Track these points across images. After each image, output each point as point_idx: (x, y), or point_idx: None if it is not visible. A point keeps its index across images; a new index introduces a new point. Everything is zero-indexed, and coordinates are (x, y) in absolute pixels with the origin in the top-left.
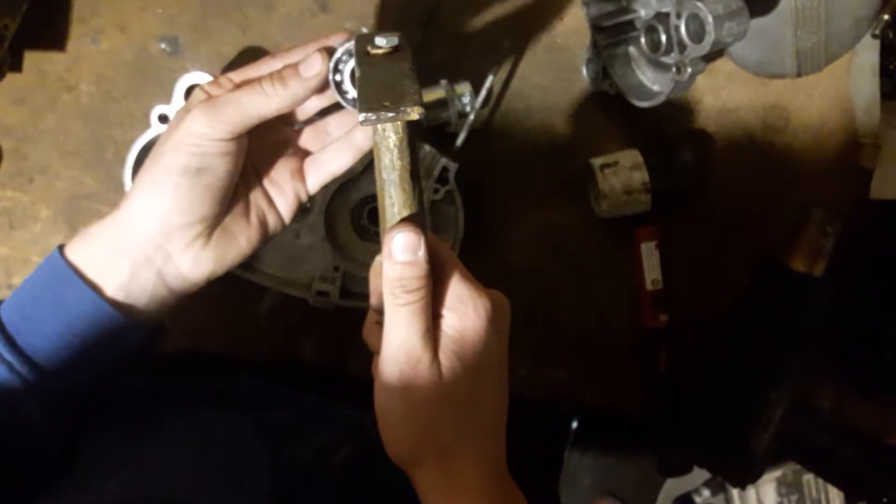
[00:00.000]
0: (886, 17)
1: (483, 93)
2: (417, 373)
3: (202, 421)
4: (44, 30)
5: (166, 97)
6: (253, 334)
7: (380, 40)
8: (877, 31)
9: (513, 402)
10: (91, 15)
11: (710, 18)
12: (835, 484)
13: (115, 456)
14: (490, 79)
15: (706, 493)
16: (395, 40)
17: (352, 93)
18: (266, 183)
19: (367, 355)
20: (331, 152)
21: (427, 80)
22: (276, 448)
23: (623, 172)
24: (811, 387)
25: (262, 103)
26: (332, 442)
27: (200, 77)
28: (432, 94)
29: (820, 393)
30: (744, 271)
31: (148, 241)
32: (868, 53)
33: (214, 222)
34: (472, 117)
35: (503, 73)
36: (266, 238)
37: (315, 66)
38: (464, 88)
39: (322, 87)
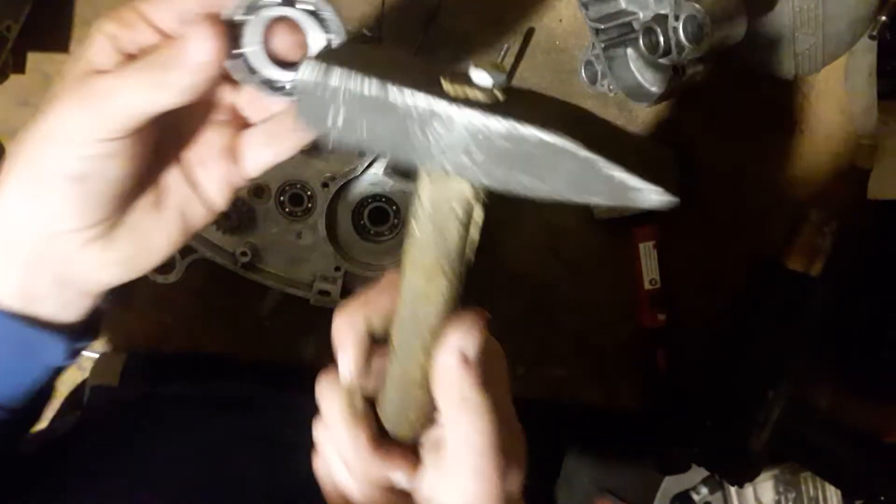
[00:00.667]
0: (884, 18)
1: None
2: None
3: (201, 426)
4: (47, 31)
5: None
6: (254, 334)
7: (480, 74)
8: (874, 33)
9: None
10: (93, 16)
11: (707, 20)
12: (832, 482)
13: (112, 462)
14: None
15: (704, 491)
16: (503, 77)
17: (264, 72)
18: (190, 162)
19: None
20: (276, 127)
21: None
22: (276, 455)
23: None
24: (809, 386)
25: (148, 99)
26: None
27: None
28: None
29: (817, 392)
30: (741, 271)
31: (35, 244)
32: (866, 54)
33: (113, 223)
34: None
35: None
36: (190, 232)
37: (202, 46)
38: None
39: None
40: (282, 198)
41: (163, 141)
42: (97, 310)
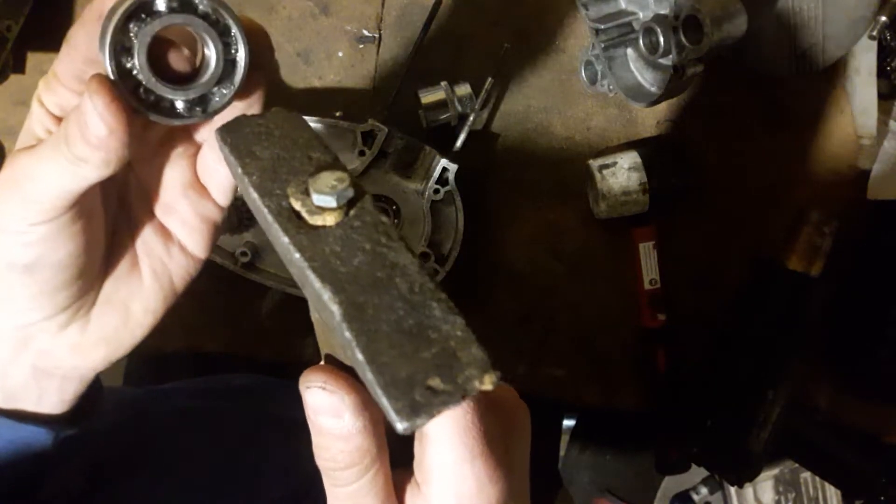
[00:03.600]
0: (883, 18)
1: (483, 94)
2: None
3: (218, 423)
4: (47, 31)
5: None
6: (254, 334)
7: (324, 197)
8: (874, 33)
9: None
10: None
11: (707, 20)
12: (832, 482)
13: (128, 460)
14: (490, 80)
15: (704, 490)
16: (348, 188)
17: (158, 93)
18: (158, 212)
19: None
20: (212, 148)
21: (427, 82)
22: (291, 447)
23: (621, 173)
24: (808, 386)
25: (69, 177)
26: None
27: None
28: (432, 96)
29: (817, 392)
30: (741, 271)
31: (5, 339)
32: (866, 55)
33: (85, 302)
34: (471, 118)
35: (503, 74)
36: (176, 293)
37: (94, 122)
38: (464, 90)
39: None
40: None
41: (123, 198)
42: (93, 389)
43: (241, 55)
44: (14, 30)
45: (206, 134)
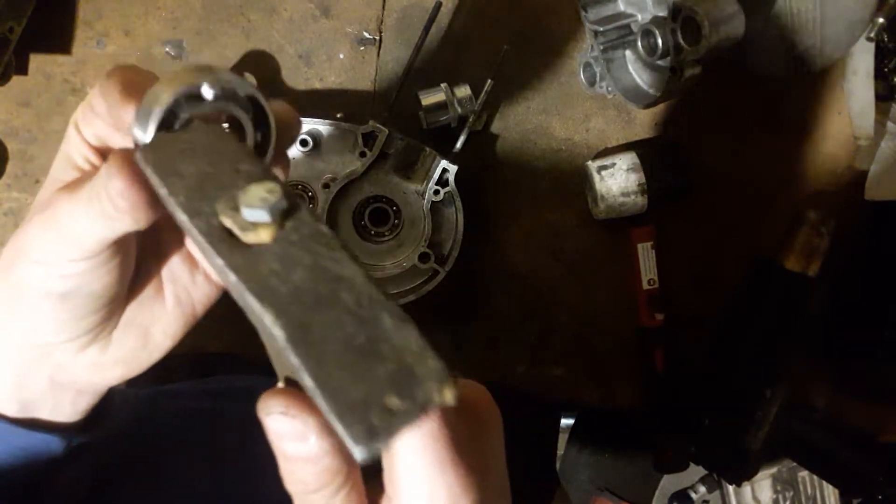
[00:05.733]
0: (881, 20)
1: (482, 96)
2: None
3: (219, 425)
4: (49, 33)
5: None
6: (255, 334)
7: (255, 212)
8: (872, 34)
9: (506, 398)
10: (96, 18)
11: (705, 22)
12: (830, 481)
13: (130, 463)
14: (489, 82)
15: (702, 489)
16: (280, 199)
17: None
18: (185, 242)
19: None
20: None
21: (427, 83)
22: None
23: (620, 174)
24: (806, 385)
25: (104, 227)
26: None
27: None
28: (432, 97)
29: (814, 391)
30: (739, 271)
31: (27, 353)
32: (863, 56)
33: (109, 325)
34: (471, 120)
35: (502, 76)
36: (195, 319)
37: (113, 192)
38: (463, 91)
39: None
40: None
41: (156, 230)
42: (105, 399)
43: (271, 135)
44: (16, 31)
45: None
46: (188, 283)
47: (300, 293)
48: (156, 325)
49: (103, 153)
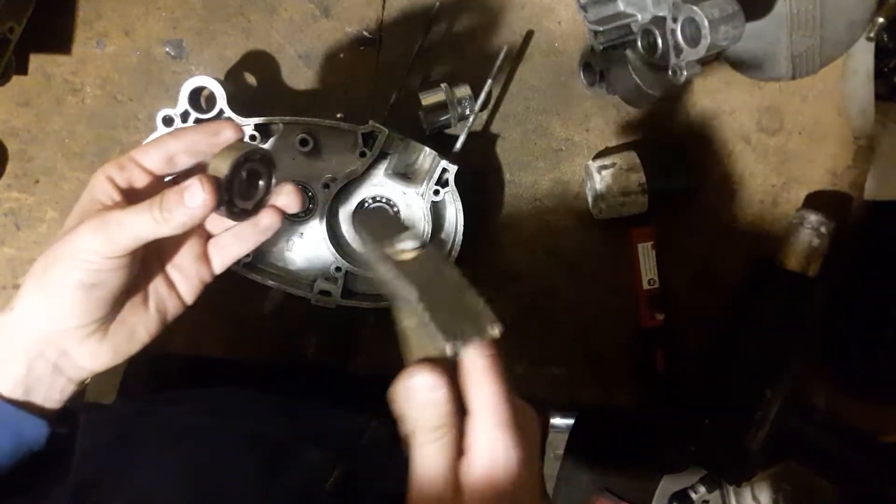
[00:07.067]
0: (881, 20)
1: (482, 96)
2: None
3: (197, 442)
4: (49, 33)
5: (171, 100)
6: (255, 333)
7: (406, 244)
8: (871, 34)
9: None
10: (96, 18)
11: (705, 22)
12: (830, 481)
13: (108, 479)
14: (489, 82)
15: (702, 489)
16: (417, 241)
17: (241, 204)
18: (169, 268)
19: (368, 354)
20: (233, 236)
21: (427, 84)
22: (269, 472)
23: (620, 174)
24: (806, 385)
25: (151, 230)
26: (325, 462)
27: (204, 81)
28: (432, 98)
29: (814, 391)
30: (739, 271)
31: (41, 340)
32: (863, 56)
33: (110, 319)
34: (471, 120)
35: (502, 76)
36: (166, 324)
37: (197, 197)
38: (463, 91)
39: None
40: None
41: (155, 251)
42: (76, 396)
43: (271, 186)
44: (16, 31)
45: (220, 227)
46: (166, 297)
47: (427, 281)
48: (139, 324)
49: (126, 193)
